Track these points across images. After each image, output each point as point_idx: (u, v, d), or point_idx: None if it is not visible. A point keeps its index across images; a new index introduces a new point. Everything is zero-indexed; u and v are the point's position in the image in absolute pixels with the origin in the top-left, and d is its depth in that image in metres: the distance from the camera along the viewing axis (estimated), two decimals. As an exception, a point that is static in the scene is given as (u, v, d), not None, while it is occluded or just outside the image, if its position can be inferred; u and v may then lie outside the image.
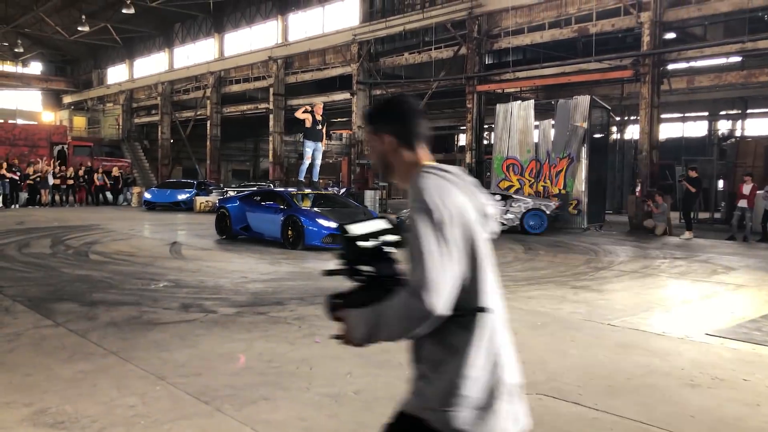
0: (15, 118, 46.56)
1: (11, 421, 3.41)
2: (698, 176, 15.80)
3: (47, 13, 38.28)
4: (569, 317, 6.34)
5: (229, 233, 13.19)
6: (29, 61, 51.35)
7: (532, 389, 4.09)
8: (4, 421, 3.42)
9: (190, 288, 7.51)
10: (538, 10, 20.51)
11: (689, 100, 26.03)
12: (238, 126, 39.16)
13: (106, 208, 24.71)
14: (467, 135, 22.60)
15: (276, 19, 33.01)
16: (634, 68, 18.26)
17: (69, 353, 4.69)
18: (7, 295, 6.76)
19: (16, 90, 50.63)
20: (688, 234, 14.95)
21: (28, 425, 3.37)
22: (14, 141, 30.90)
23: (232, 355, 4.76)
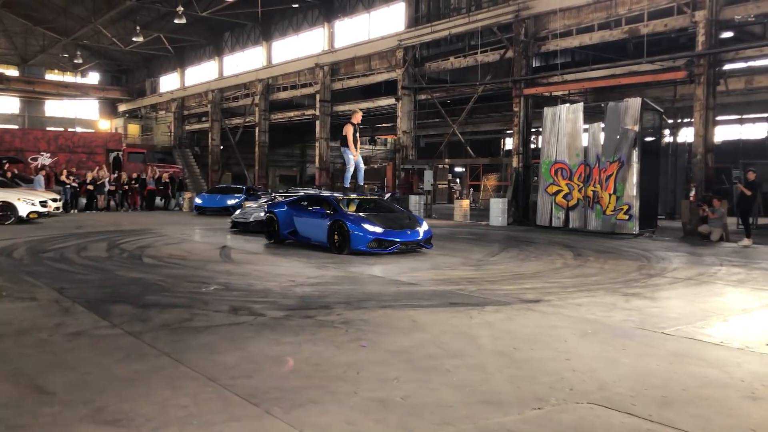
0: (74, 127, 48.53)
1: (72, 419, 3.54)
2: (756, 179, 15.18)
3: (104, 25, 39.75)
4: (620, 325, 6.19)
5: (276, 237, 13.38)
6: (87, 71, 53.41)
7: (583, 398, 4.02)
8: (65, 418, 3.55)
9: (240, 291, 7.65)
10: (587, 12, 20.17)
11: (747, 101, 25.10)
12: (285, 132, 39.78)
13: (159, 212, 25.41)
14: (514, 139, 22.36)
15: (322, 26, 33.43)
16: (688, 69, 17.76)
17: (124, 353, 4.84)
18: (67, 296, 7.02)
19: (75, 99, 52.68)
20: (747, 241, 14.39)
21: (87, 423, 3.49)
22: (73, 148, 32.14)
23: (280, 358, 4.82)
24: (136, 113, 49.81)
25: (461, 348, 5.18)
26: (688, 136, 24.94)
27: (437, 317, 6.37)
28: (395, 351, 5.04)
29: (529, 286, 8.47)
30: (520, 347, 5.25)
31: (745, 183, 15.18)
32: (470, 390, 4.16)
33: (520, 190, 21.43)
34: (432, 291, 7.96)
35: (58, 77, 52.81)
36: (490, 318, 6.35)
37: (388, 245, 11.48)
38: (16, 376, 4.23)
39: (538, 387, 4.23)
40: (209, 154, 40.61)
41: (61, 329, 5.56)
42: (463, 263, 10.88)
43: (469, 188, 39.24)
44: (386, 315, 6.39)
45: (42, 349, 4.92)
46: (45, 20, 43.66)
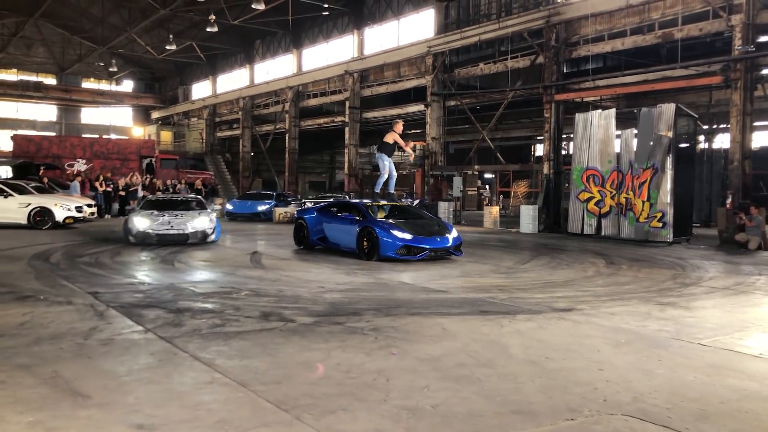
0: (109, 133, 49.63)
1: (106, 422, 3.59)
2: None
3: (138, 33, 40.60)
4: (655, 335, 6.07)
5: (306, 243, 13.46)
6: (122, 79, 54.61)
7: (617, 409, 3.94)
8: (100, 421, 3.61)
9: (270, 297, 7.70)
10: (619, 17, 19.93)
11: (786, 106, 24.48)
12: (314, 139, 40.08)
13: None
14: (545, 145, 22.17)
15: (352, 34, 33.63)
16: (724, 74, 17.41)
17: (157, 358, 4.90)
18: (102, 300, 7.15)
19: (110, 107, 53.89)
20: None
21: (122, 426, 3.54)
22: (108, 155, 32.84)
23: (310, 364, 4.83)
24: (168, 120, 50.71)
25: (492, 357, 5.13)
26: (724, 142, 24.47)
27: (467, 325, 6.32)
28: (425, 359, 5.02)
29: (560, 294, 8.36)
30: (552, 356, 5.17)
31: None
32: (501, 399, 4.11)
33: (551, 196, 21.22)
34: (462, 299, 7.91)
35: (94, 85, 54.09)
36: (521, 327, 6.28)
37: (417, 252, 11.45)
38: (54, 379, 4.31)
39: (571, 397, 4.17)
40: (240, 160, 41.11)
41: (96, 333, 5.66)
42: (493, 271, 10.80)
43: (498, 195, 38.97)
44: (416, 322, 6.37)
45: (78, 353, 5.01)
46: (82, 30, 44.81)
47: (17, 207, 16.64)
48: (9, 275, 8.93)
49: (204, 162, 42.56)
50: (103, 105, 53.38)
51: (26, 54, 49.70)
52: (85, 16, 41.82)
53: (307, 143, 38.70)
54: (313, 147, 42.22)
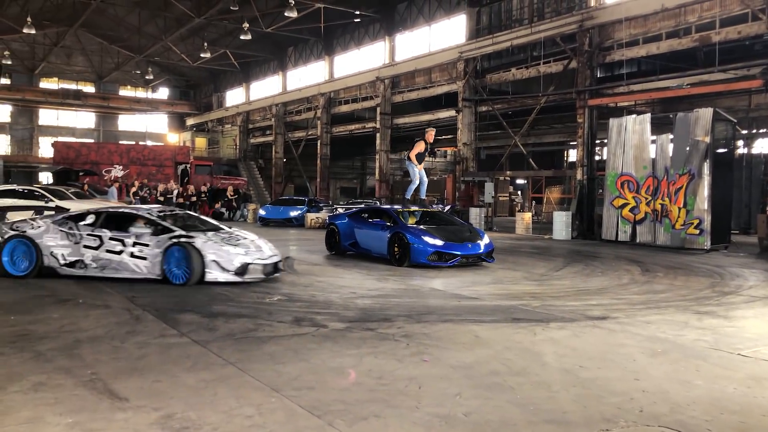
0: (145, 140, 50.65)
1: (143, 424, 3.66)
2: None
3: (174, 42, 41.40)
4: (693, 345, 5.93)
5: (337, 249, 13.52)
6: (157, 86, 55.73)
7: (654, 421, 3.87)
8: (137, 423, 3.68)
9: (302, 302, 7.76)
10: (654, 20, 19.63)
11: (828, 110, 23.77)
12: (346, 145, 40.28)
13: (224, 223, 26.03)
14: (578, 151, 21.90)
15: (383, 40, 33.76)
16: (764, 77, 17.00)
17: (192, 362, 4.97)
18: (138, 305, 7.29)
19: (146, 114, 55.03)
20: None
21: (157, 429, 3.60)
22: (144, 161, 33.50)
23: (342, 370, 4.85)
24: (203, 127, 51.53)
25: (525, 365, 5.08)
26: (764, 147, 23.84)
27: (500, 333, 6.27)
28: (457, 366, 4.99)
29: (595, 302, 8.24)
30: (587, 365, 5.10)
31: None
32: (535, 408, 4.07)
33: (584, 203, 20.93)
34: (494, 306, 7.85)
35: (131, 93, 55.32)
36: (554, 335, 6.21)
37: (448, 258, 11.41)
38: (92, 381, 4.41)
39: (606, 407, 4.10)
40: (273, 166, 41.53)
41: (132, 337, 5.77)
42: (525, 278, 10.69)
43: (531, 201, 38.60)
44: (448, 329, 6.34)
45: (115, 356, 5.12)
46: (119, 39, 45.93)
47: (57, 212, 17.09)
48: (48, 280, 9.15)
49: (237, 168, 43.12)
50: (139, 112, 54.54)
51: (66, 63, 51.12)
52: (122, 26, 42.87)
53: (339, 149, 38.94)
54: (345, 153, 42.46)
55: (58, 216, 9.87)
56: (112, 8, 39.46)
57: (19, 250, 9.18)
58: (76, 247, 9.08)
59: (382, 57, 33.56)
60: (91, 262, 9.05)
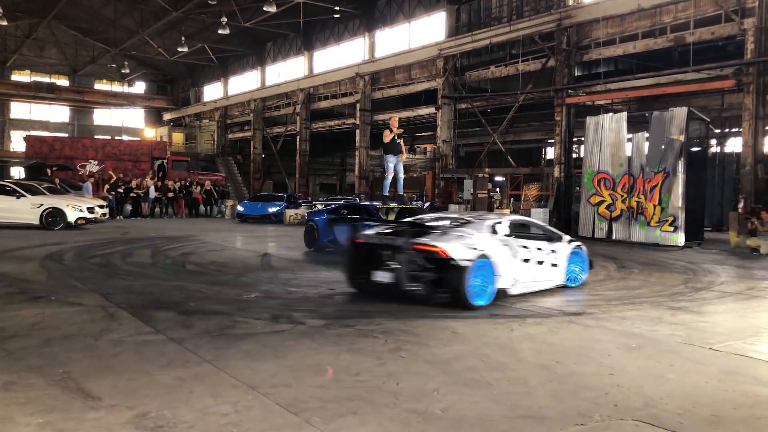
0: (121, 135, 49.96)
1: (116, 424, 3.61)
2: None
3: (151, 35, 40.87)
4: (667, 340, 6.02)
5: (316, 246, 13.47)
6: (134, 81, 54.94)
7: (628, 414, 3.92)
8: (110, 422, 3.62)
9: (280, 299, 7.71)
10: (630, 20, 19.85)
11: (799, 110, 24.25)
12: (325, 141, 40.13)
13: (202, 219, 25.87)
14: (556, 148, 22.09)
15: (363, 36, 33.68)
16: (736, 78, 17.30)
17: (167, 360, 4.91)
18: (112, 302, 7.19)
19: (122, 108, 54.24)
20: None
21: (131, 428, 3.55)
22: (120, 156, 33.07)
23: (320, 367, 4.83)
24: (180, 122, 50.96)
25: (502, 361, 5.11)
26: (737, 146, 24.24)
27: (478, 329, 6.30)
28: (435, 362, 5.00)
29: (571, 298, 8.32)
30: (563, 361, 5.15)
31: None
32: (512, 404, 4.09)
33: (561, 200, 21.13)
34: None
35: (106, 87, 54.45)
36: (531, 330, 6.26)
37: (427, 255, 11.41)
38: (65, 381, 4.34)
39: (582, 402, 4.14)
40: (251, 162, 41.24)
41: (107, 334, 5.69)
42: (502, 274, 10.74)
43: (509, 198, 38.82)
44: (426, 325, 6.35)
45: (88, 354, 5.04)
46: (95, 32, 45.15)
47: (29, 207, 16.78)
48: (21, 276, 9.00)
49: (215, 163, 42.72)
50: (115, 106, 53.73)
51: (39, 56, 50.15)
52: (97, 18, 42.14)
53: (318, 145, 38.79)
54: (324, 149, 42.29)
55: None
56: (87, 0, 38.80)
57: None
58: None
59: (362, 53, 33.47)
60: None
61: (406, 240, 7.28)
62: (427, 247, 7.14)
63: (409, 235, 7.41)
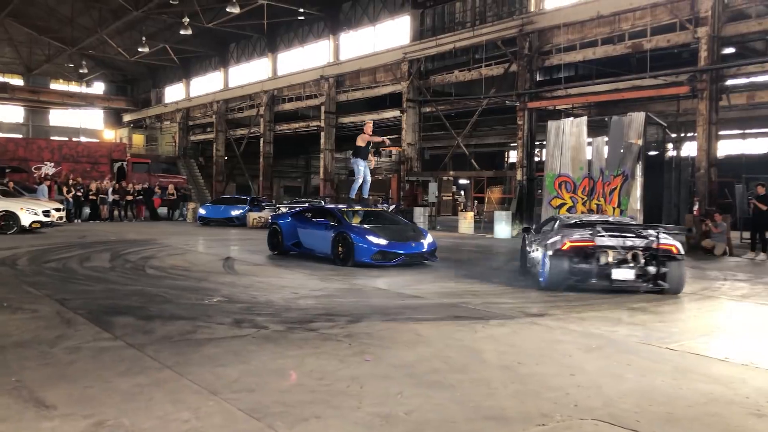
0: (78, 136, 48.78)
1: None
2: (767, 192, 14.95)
3: (110, 35, 40.05)
4: (625, 340, 6.15)
5: (280, 249, 13.37)
6: (92, 81, 53.73)
7: (588, 414, 3.99)
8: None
9: (243, 303, 7.63)
10: (590, 27, 20.26)
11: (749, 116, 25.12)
12: (290, 143, 39.92)
13: (163, 223, 25.43)
14: (518, 152, 22.39)
15: (328, 39, 33.62)
16: (691, 84, 17.80)
17: (126, 366, 4.81)
18: (69, 307, 7.00)
19: (80, 109, 52.97)
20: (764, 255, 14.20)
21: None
22: (77, 158, 32.28)
23: (283, 372, 4.79)
24: (140, 123, 50.04)
25: (466, 362, 5.15)
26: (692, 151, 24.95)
27: (441, 331, 6.34)
28: (399, 365, 5.01)
29: (534, 299, 8.43)
30: (525, 362, 5.21)
31: (756, 198, 14.83)
32: (474, 405, 4.13)
33: (524, 202, 21.43)
34: (436, 304, 7.93)
35: (63, 87, 53.12)
36: (494, 332, 6.32)
37: (392, 257, 11.46)
38: (17, 389, 4.21)
39: (543, 403, 4.20)
40: (214, 164, 40.71)
41: (63, 341, 5.54)
42: (467, 276, 10.85)
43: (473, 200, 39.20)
44: (390, 328, 6.36)
45: (43, 362, 4.90)
46: (51, 30, 44.01)
47: (-19, 211, 16.24)
48: (-27, 281, 8.71)
49: (177, 166, 42.08)
50: (72, 107, 52.43)
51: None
52: (54, 17, 41.11)
53: (283, 148, 38.54)
54: (289, 151, 42.06)
55: None
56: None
57: None
58: None
59: (327, 56, 33.40)
60: None
61: (651, 240, 8.62)
62: (667, 245, 8.61)
63: (649, 237, 8.74)
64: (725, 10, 17.13)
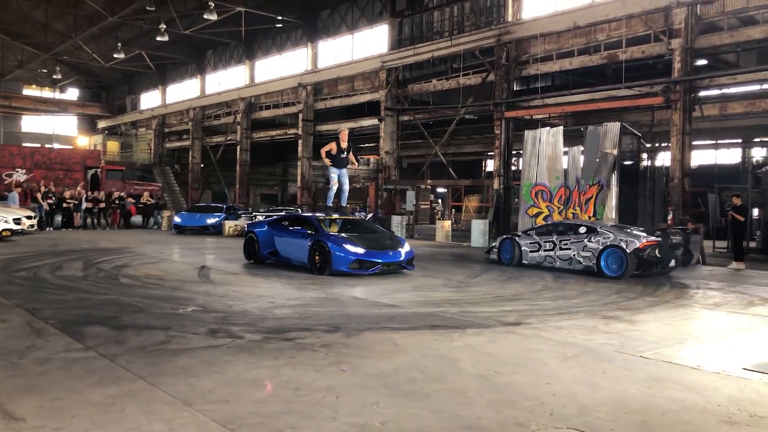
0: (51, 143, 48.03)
1: (40, 446, 3.43)
2: (743, 203, 15.15)
3: (85, 41, 39.54)
4: (600, 348, 6.20)
5: (257, 258, 13.27)
6: (66, 87, 52.99)
7: (563, 423, 4.00)
8: (33, 445, 3.45)
9: (218, 313, 7.54)
10: (567, 37, 20.54)
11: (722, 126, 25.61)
12: (267, 151, 39.75)
13: (137, 231, 25.09)
14: (495, 161, 22.55)
15: (306, 46, 33.61)
16: (665, 95, 18.13)
17: (98, 377, 4.72)
18: (39, 317, 6.86)
19: (53, 115, 52.18)
20: (738, 264, 14.32)
21: (56, 450, 3.39)
22: (50, 165, 31.73)
23: (258, 382, 4.74)
24: (115, 130, 49.45)
25: (442, 372, 5.15)
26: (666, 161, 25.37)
27: (418, 340, 6.33)
28: (376, 375, 4.99)
29: (510, 308, 8.47)
30: (501, 371, 5.22)
31: (733, 209, 14.99)
32: (450, 415, 4.12)
33: (501, 211, 21.57)
34: (413, 313, 7.92)
35: (36, 92, 52.29)
36: (471, 341, 6.33)
37: (369, 266, 11.44)
38: (-15, 401, 4.10)
39: (519, 412, 4.21)
40: (189, 172, 40.37)
41: (32, 352, 5.42)
42: (444, 285, 10.87)
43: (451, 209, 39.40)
44: (367, 338, 6.34)
45: (12, 373, 4.78)
46: (24, 35, 43.26)
47: (-50, 218, 15.90)
48: (-60, 290, 8.49)
49: (152, 173, 41.63)
50: (45, 113, 51.64)
51: (-37, 59, 47.75)
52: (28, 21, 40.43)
53: (260, 155, 38.35)
54: (266, 159, 41.87)
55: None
56: (16, 2, 37.19)
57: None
58: None
59: (305, 63, 33.38)
60: None
61: (685, 238, 12.57)
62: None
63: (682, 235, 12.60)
64: (698, 23, 17.50)
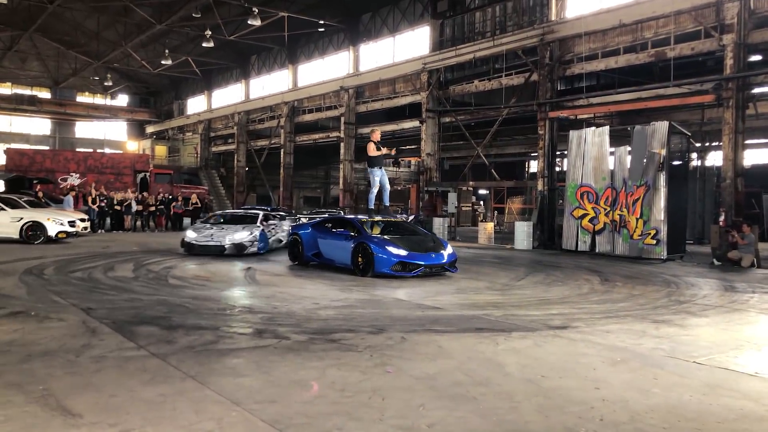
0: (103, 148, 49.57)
1: (97, 442, 3.54)
2: None
3: (134, 48, 40.71)
4: (651, 353, 6.05)
5: (300, 259, 13.40)
6: (116, 93, 54.62)
7: (614, 429, 3.92)
8: (90, 441, 3.56)
9: (264, 314, 7.65)
10: (612, 35, 20.13)
11: (777, 124, 24.70)
12: (309, 154, 40.15)
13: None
14: (539, 162, 22.25)
15: (348, 50, 33.83)
16: (716, 93, 17.58)
17: (150, 376, 4.84)
18: (94, 317, 7.08)
19: (105, 121, 53.84)
20: None
21: (112, 446, 3.49)
22: (102, 169, 32.76)
23: (305, 383, 4.79)
24: (163, 135, 50.70)
25: (488, 375, 5.10)
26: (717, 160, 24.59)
27: (463, 343, 6.29)
28: (421, 377, 4.98)
29: (556, 311, 8.34)
30: (548, 375, 5.15)
31: None
32: (497, 419, 4.08)
33: (545, 213, 21.26)
34: (457, 316, 7.88)
35: (89, 99, 54.06)
36: (516, 344, 6.26)
37: (412, 268, 11.43)
38: (44, 398, 4.26)
39: (567, 417, 4.14)
40: (235, 175, 41.07)
41: (88, 350, 5.60)
42: (488, 287, 10.78)
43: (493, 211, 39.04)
44: (411, 340, 6.33)
45: (69, 370, 4.95)
46: (77, 44, 44.87)
47: (9, 221, 16.53)
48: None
49: (198, 177, 42.50)
50: (97, 119, 53.34)
51: (21, 68, 49.73)
52: (80, 31, 41.92)
53: (302, 158, 38.78)
54: (308, 162, 42.30)
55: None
56: (70, 12, 38.58)
57: None
58: None
59: (347, 67, 33.60)
60: None
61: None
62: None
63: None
64: (751, 17, 16.92)
